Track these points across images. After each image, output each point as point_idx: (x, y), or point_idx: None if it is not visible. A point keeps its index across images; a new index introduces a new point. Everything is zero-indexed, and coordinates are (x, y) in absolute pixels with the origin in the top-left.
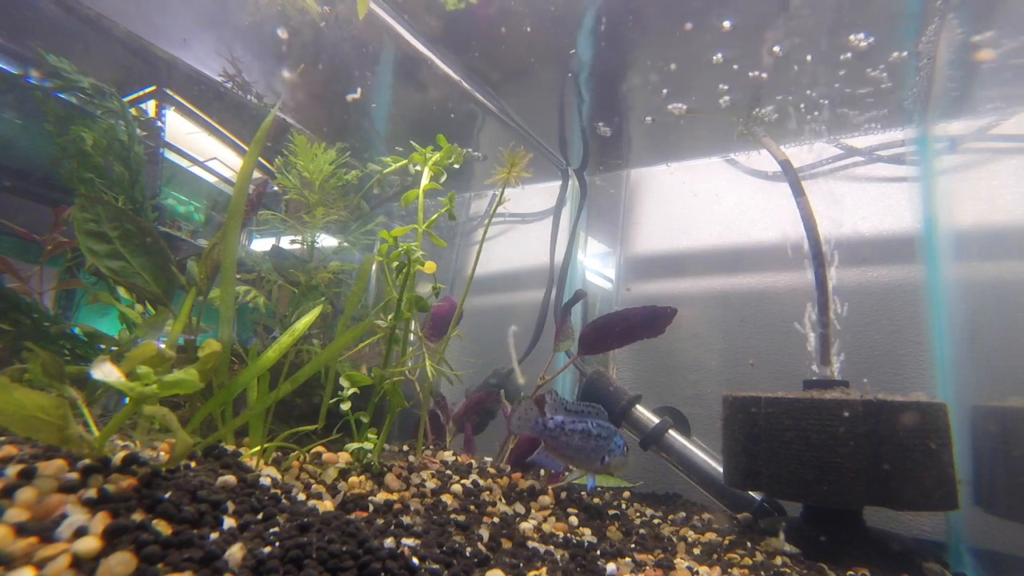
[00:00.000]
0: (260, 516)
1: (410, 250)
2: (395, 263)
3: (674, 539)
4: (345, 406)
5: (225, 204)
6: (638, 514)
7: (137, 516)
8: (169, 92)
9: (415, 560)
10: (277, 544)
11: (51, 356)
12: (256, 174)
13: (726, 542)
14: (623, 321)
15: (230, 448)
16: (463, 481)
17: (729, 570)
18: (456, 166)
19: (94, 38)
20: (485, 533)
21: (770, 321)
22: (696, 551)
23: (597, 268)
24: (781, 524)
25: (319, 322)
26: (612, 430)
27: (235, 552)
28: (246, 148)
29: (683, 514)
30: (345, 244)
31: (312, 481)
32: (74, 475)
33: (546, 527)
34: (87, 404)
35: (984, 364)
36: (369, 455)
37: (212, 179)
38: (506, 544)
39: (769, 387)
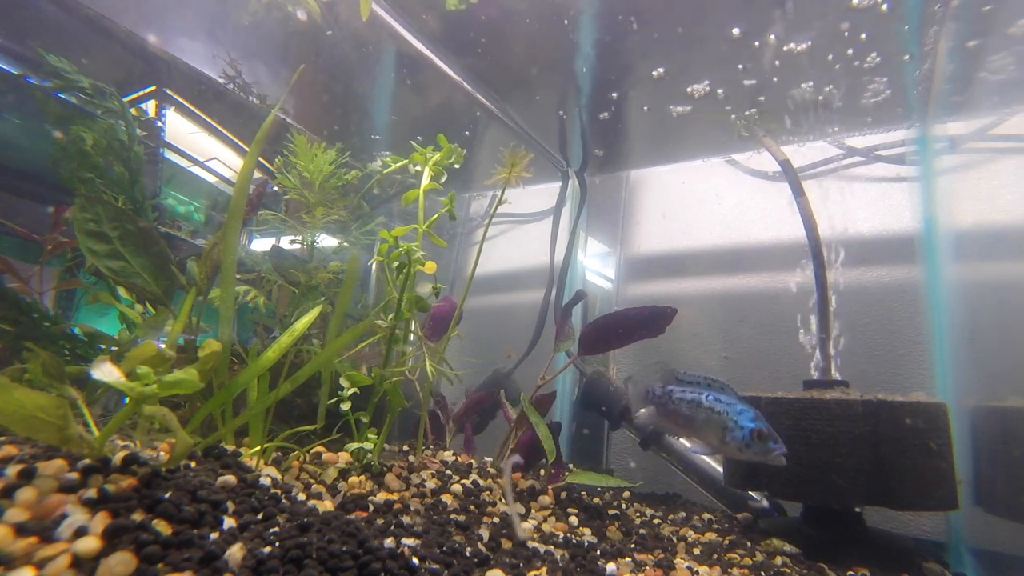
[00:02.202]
0: (260, 516)
1: (410, 250)
2: (395, 263)
3: (674, 539)
4: (345, 406)
5: (225, 204)
6: (638, 514)
7: (137, 516)
8: (169, 92)
9: (415, 560)
10: (277, 544)
11: (51, 356)
12: (256, 174)
13: (726, 542)
14: (623, 321)
15: (230, 448)
16: (463, 481)
17: (729, 570)
18: (456, 166)
19: (94, 38)
20: (485, 533)
21: (770, 321)
22: (696, 551)
23: (597, 268)
24: (764, 493)
25: (319, 322)
26: (734, 407)
27: (235, 552)
28: (246, 148)
29: (683, 514)
30: (345, 244)
31: (312, 481)
32: (74, 475)
33: (546, 527)
34: (87, 404)
35: (984, 364)
36: (369, 455)
37: (212, 179)
38: (506, 544)
39: (769, 387)
